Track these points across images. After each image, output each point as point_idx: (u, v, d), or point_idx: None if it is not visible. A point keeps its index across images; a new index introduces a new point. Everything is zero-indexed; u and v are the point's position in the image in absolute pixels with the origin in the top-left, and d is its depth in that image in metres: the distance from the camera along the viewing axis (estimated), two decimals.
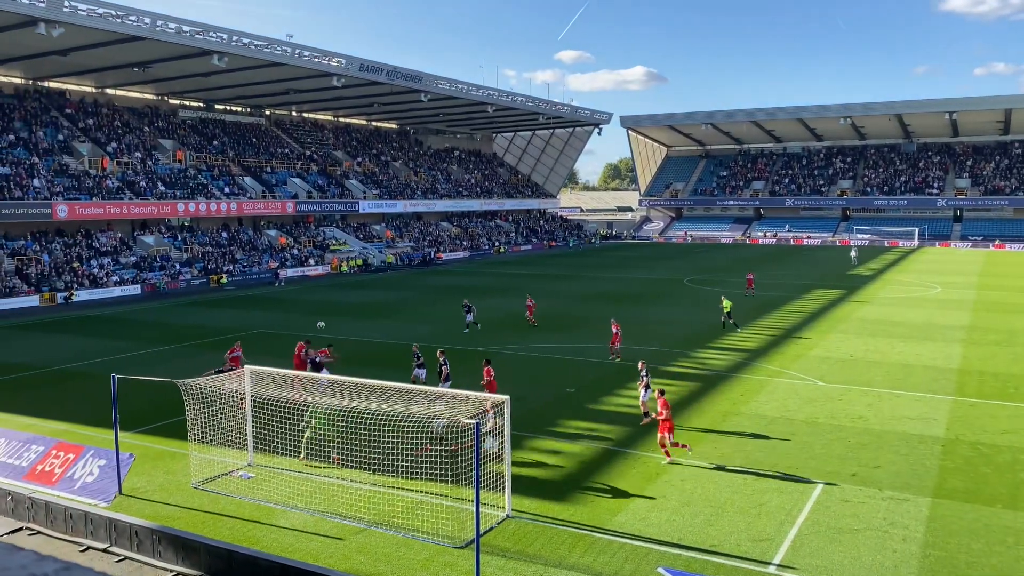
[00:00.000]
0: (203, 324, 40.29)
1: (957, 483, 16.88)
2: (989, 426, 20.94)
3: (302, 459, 17.96)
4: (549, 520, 15.19)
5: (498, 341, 33.76)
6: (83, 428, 21.29)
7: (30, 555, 14.44)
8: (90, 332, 38.66)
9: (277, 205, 72.96)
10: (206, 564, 13.61)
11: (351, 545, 14.24)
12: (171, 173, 67.76)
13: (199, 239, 66.70)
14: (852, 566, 13.19)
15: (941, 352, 30.70)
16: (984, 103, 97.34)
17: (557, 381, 26.42)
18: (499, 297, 49.81)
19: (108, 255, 58.48)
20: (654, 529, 14.72)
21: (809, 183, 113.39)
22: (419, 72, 76.32)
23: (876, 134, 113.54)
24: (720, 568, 13.21)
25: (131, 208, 60.77)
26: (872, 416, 21.92)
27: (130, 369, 27.84)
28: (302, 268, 67.91)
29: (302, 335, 36.15)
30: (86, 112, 69.34)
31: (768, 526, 14.77)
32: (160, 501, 16.36)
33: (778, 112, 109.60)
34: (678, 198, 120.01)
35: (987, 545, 13.94)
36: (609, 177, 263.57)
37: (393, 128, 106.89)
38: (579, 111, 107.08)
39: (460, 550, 13.94)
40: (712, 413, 22.43)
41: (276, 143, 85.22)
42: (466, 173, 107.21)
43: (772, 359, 29.66)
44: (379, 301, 48.80)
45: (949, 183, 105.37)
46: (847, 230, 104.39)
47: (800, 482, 16.97)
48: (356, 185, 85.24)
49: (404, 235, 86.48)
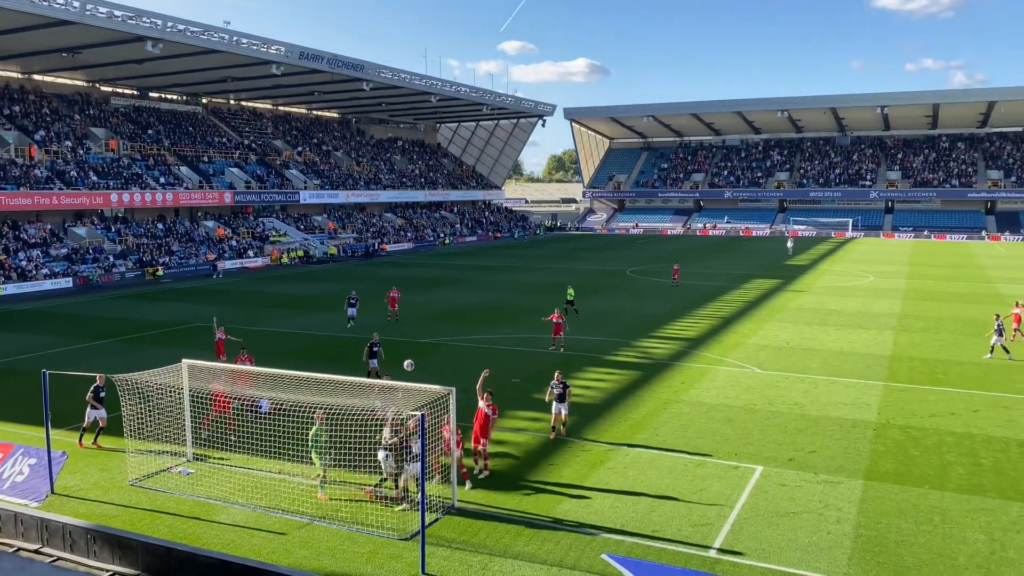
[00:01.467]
0: (139, 318, 39.24)
1: (888, 466, 17.48)
2: (918, 410, 21.73)
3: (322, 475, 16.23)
4: (494, 510, 15.25)
5: (443, 333, 33.67)
6: (12, 426, 20.56)
7: None
8: (18, 327, 37.30)
9: (214, 195, 71.33)
10: (144, 563, 13.29)
11: (294, 540, 14.07)
12: (104, 163, 65.66)
13: (134, 230, 64.85)
14: (789, 548, 13.57)
15: (874, 339, 31.70)
16: (914, 98, 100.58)
17: (502, 372, 26.46)
18: (445, 289, 49.66)
19: (37, 247, 56.45)
20: (597, 516, 14.90)
21: (747, 175, 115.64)
22: (361, 61, 75.37)
23: (812, 127, 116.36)
24: (663, 553, 13.45)
25: (61, 199, 58.68)
26: (808, 402, 22.54)
27: (62, 365, 26.97)
28: (241, 260, 66.60)
29: (242, 328, 35.54)
30: (11, 99, 66.63)
31: (708, 511, 15.08)
32: (95, 499, 15.92)
33: (717, 105, 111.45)
34: (620, 190, 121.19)
35: (915, 524, 14.48)
36: (553, 169, 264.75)
37: (335, 117, 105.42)
38: (523, 102, 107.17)
39: (405, 542, 13.90)
40: (653, 401, 22.77)
41: (213, 132, 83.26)
42: (410, 163, 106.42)
43: (712, 348, 30.23)
44: (321, 293, 48.18)
45: (881, 175, 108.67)
46: (784, 221, 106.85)
47: (739, 467, 17.36)
48: (296, 175, 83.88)
49: (347, 226, 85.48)
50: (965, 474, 16.95)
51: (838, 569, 12.81)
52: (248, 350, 23.49)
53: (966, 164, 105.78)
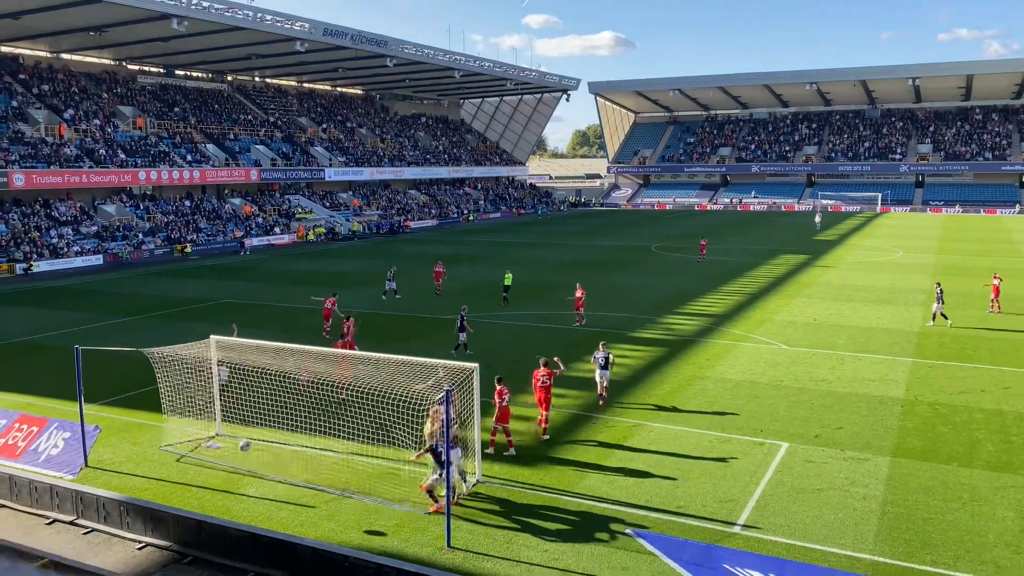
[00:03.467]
0: (168, 295, 39.74)
1: (915, 442, 17.32)
2: (947, 387, 21.48)
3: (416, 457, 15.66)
4: (519, 485, 15.34)
5: (468, 310, 33.70)
6: (47, 401, 20.99)
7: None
8: (51, 304, 37.94)
9: (241, 173, 71.77)
10: (175, 535, 13.56)
11: (321, 513, 14.27)
12: (131, 141, 66.26)
13: (162, 208, 65.53)
14: (815, 524, 13.53)
15: (903, 315, 31.31)
16: (946, 69, 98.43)
17: (526, 349, 26.52)
18: (468, 265, 49.72)
19: (68, 225, 57.25)
20: (622, 492, 14.94)
21: (775, 149, 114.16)
22: (384, 36, 75.12)
23: (841, 100, 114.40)
24: (688, 529, 13.47)
25: (91, 177, 59.35)
26: (835, 379, 22.36)
27: (94, 341, 27.42)
28: (267, 237, 67.11)
29: (270, 305, 35.89)
30: (41, 78, 67.34)
31: (733, 487, 15.06)
32: (127, 472, 16.23)
33: (745, 78, 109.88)
34: (646, 165, 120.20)
35: (943, 502, 14.36)
36: (578, 144, 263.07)
37: (358, 94, 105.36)
38: (547, 77, 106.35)
39: (431, 516, 14.04)
40: (678, 377, 22.71)
41: (239, 109, 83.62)
42: (433, 140, 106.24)
43: (738, 324, 30.04)
44: (348, 271, 48.45)
45: (912, 149, 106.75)
46: (812, 196, 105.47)
47: (765, 444, 17.30)
48: (321, 152, 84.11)
49: (371, 203, 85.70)
50: (995, 451, 16.76)
51: (864, 546, 12.76)
52: (353, 320, 24.56)
53: (1000, 136, 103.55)
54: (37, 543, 13.52)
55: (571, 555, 12.65)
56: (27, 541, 13.65)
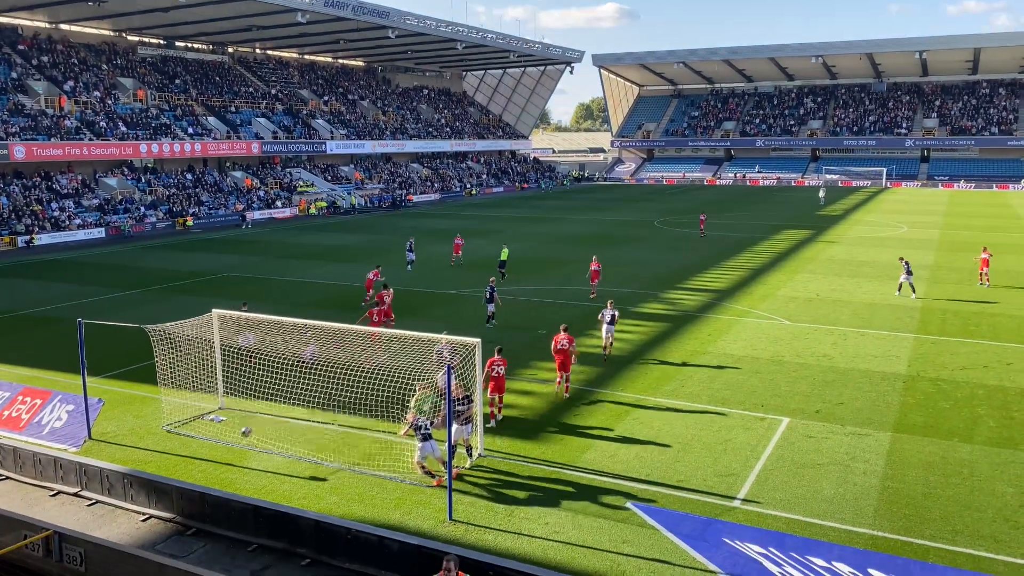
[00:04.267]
0: (170, 268, 39.74)
1: (917, 418, 17.35)
2: (949, 363, 21.47)
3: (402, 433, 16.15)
4: (520, 459, 15.41)
5: (468, 284, 33.74)
6: (50, 374, 21.06)
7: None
8: (53, 276, 37.97)
9: (242, 146, 71.46)
10: (179, 507, 13.65)
11: (324, 486, 14.35)
12: (132, 113, 65.91)
13: (163, 181, 65.33)
14: (815, 499, 13.58)
15: (907, 291, 31.22)
16: (954, 42, 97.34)
17: (529, 324, 26.53)
18: (470, 240, 49.60)
19: (70, 197, 57.13)
20: (622, 466, 15.00)
21: (780, 123, 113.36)
22: (386, 7, 74.40)
23: (847, 74, 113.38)
24: (687, 502, 13.53)
25: (92, 149, 59.10)
26: (837, 354, 22.35)
27: (96, 314, 27.45)
28: (269, 210, 66.95)
29: (273, 279, 35.90)
30: (40, 49, 66.84)
31: (734, 462, 15.11)
32: (131, 445, 16.32)
33: (750, 51, 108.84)
34: (650, 139, 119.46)
35: (943, 477, 14.40)
36: (581, 118, 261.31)
37: (360, 66, 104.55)
38: (550, 49, 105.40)
39: (433, 489, 14.12)
40: (680, 352, 22.72)
41: (240, 81, 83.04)
42: (436, 113, 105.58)
43: (740, 299, 30.01)
44: (349, 244, 48.35)
45: (917, 123, 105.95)
46: (817, 170, 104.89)
47: (765, 419, 17.33)
48: (323, 125, 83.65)
49: (373, 177, 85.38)
50: (996, 427, 16.78)
51: (864, 521, 12.82)
52: (386, 290, 25.21)
53: (1007, 111, 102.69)
54: (41, 515, 13.61)
55: (571, 528, 12.72)
56: (32, 512, 13.75)
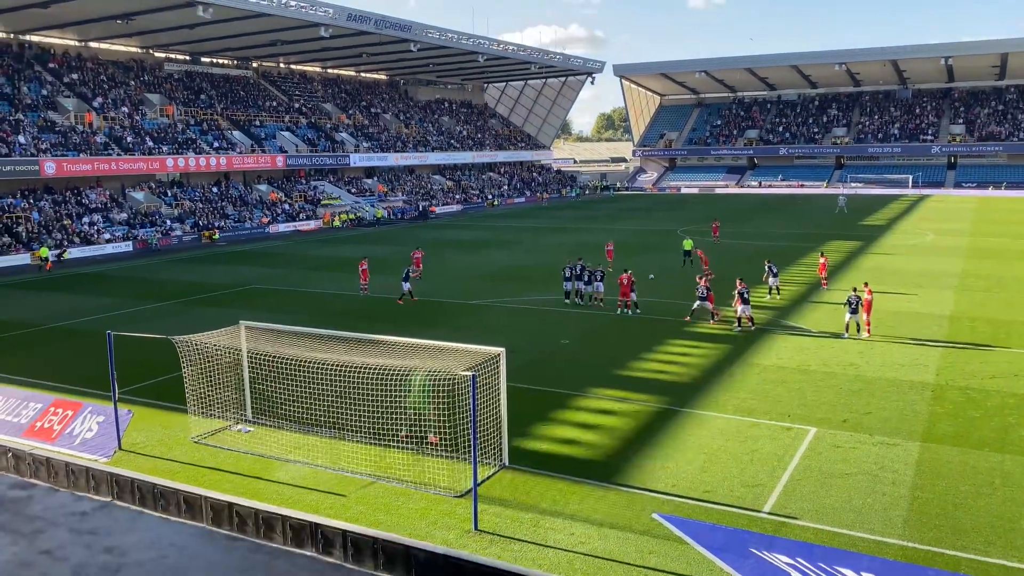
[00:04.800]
0: (197, 280, 40.21)
1: (946, 428, 17.12)
2: (979, 371, 21.17)
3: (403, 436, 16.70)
4: (545, 468, 15.40)
5: (492, 294, 33.82)
6: (80, 385, 21.37)
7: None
8: (83, 289, 38.56)
9: (267, 159, 72.25)
10: (208, 517, 13.80)
11: (351, 497, 14.43)
12: (159, 128, 66.91)
13: (189, 194, 66.18)
14: (843, 510, 13.44)
15: (934, 299, 30.88)
16: (980, 47, 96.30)
17: (551, 333, 26.54)
18: (493, 250, 49.76)
19: (98, 212, 58.03)
20: (648, 476, 14.95)
21: (803, 131, 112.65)
22: (408, 21, 75.09)
23: (871, 80, 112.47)
24: (714, 513, 13.45)
25: (120, 164, 60.07)
26: (864, 363, 22.13)
27: (125, 326, 27.83)
28: (294, 223, 67.56)
29: (297, 291, 36.21)
30: (70, 66, 68.13)
31: (760, 472, 15.01)
32: (159, 456, 16.51)
33: (773, 59, 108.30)
34: (672, 148, 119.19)
35: (975, 487, 14.20)
36: (602, 127, 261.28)
37: (382, 79, 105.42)
38: (571, 60, 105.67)
39: (459, 499, 14.15)
40: (705, 362, 22.58)
41: (264, 96, 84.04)
42: (458, 125, 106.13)
43: (764, 308, 29.78)
44: (372, 256, 48.64)
45: (944, 129, 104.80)
46: (841, 178, 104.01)
47: (792, 428, 17.19)
48: (347, 138, 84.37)
49: (396, 188, 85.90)
50: None
51: (893, 531, 12.67)
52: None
53: None
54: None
55: (597, 539, 12.69)
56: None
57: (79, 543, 11.67)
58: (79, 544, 11.66)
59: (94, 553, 4.48)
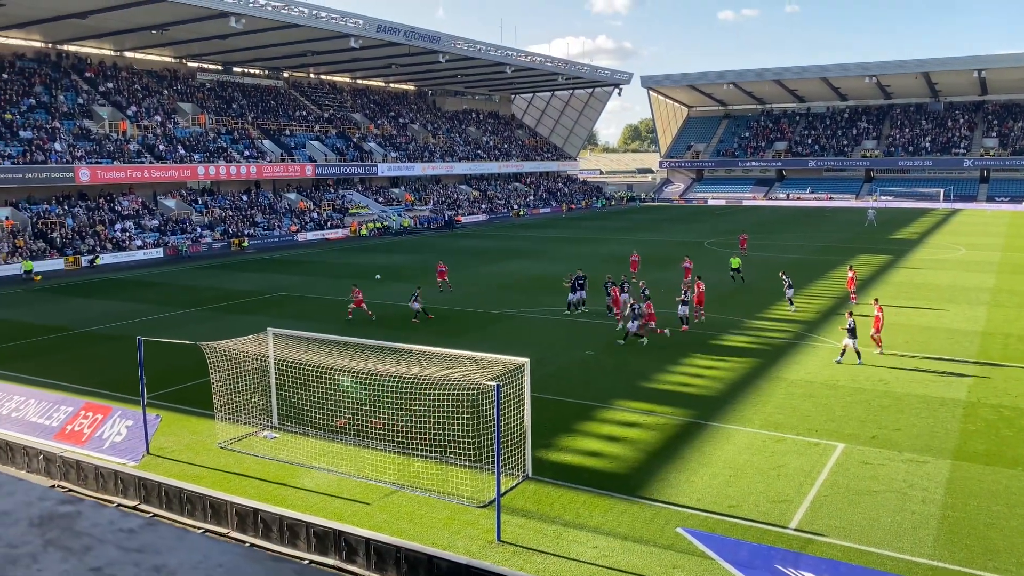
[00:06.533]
0: (226, 287, 40.66)
1: (978, 446, 16.83)
2: (1012, 389, 20.80)
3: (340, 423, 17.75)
4: (569, 480, 15.34)
5: (516, 304, 33.84)
6: (110, 389, 21.66)
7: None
8: (114, 295, 39.13)
9: (296, 168, 72.99)
10: (233, 523, 13.91)
11: (375, 505, 14.48)
12: (191, 136, 67.88)
13: (219, 202, 67.00)
14: (871, 527, 13.25)
15: (965, 314, 30.41)
16: (1013, 60, 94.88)
17: (576, 344, 26.48)
18: (518, 260, 49.80)
19: (130, 218, 58.93)
20: (672, 490, 14.83)
21: (832, 144, 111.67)
22: (437, 32, 75.58)
23: (902, 93, 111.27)
24: (739, 529, 13.31)
25: (152, 172, 61.03)
26: (893, 379, 21.83)
27: (155, 331, 28.19)
28: (321, 231, 68.13)
29: (325, 298, 36.46)
30: (106, 76, 69.39)
31: (787, 487, 14.84)
32: (186, 461, 16.68)
33: (802, 71, 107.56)
34: (699, 159, 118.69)
35: (1007, 507, 13.93)
36: (629, 138, 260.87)
37: (411, 90, 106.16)
38: (599, 71, 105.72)
39: (482, 509, 14.14)
40: (731, 375, 22.41)
41: (294, 105, 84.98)
42: (484, 135, 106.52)
43: (791, 321, 29.51)
44: (399, 264, 48.88)
45: (976, 143, 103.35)
46: (871, 191, 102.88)
47: (819, 444, 16.99)
48: (375, 148, 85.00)
49: (423, 198, 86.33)
50: None
51: (923, 550, 12.46)
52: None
53: None
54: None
55: (621, 552, 12.61)
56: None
57: (128, 561, 11.81)
58: (128, 562, 11.81)
59: (143, 571, 4.44)
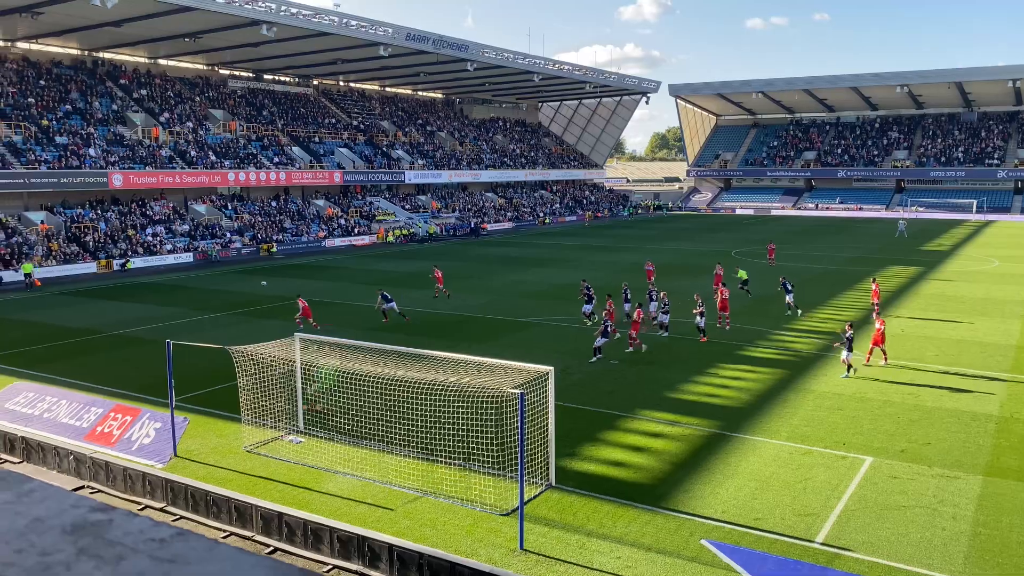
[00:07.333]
0: (254, 292, 41.05)
1: (1011, 461, 16.52)
2: None
3: (307, 409, 18.83)
4: (593, 490, 15.28)
5: (539, 312, 33.80)
6: (139, 392, 21.95)
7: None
8: (145, 299, 39.68)
9: (325, 175, 73.64)
10: (259, 526, 14.01)
11: (398, 511, 14.52)
12: (221, 143, 68.76)
13: (249, 208, 67.74)
14: (899, 543, 13.05)
15: (998, 328, 29.91)
16: None
17: (604, 353, 26.36)
18: (542, 268, 49.78)
19: (162, 223, 59.76)
20: (697, 502, 14.72)
21: (862, 154, 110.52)
22: (465, 41, 75.98)
23: (934, 103, 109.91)
24: (764, 542, 13.17)
25: (183, 177, 61.90)
26: (923, 392, 21.51)
27: (184, 335, 28.55)
28: (349, 238, 68.62)
29: (352, 304, 36.69)
30: (139, 82, 70.56)
31: (814, 501, 14.66)
32: (213, 464, 16.84)
33: (831, 80, 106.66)
34: (727, 168, 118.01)
35: None
36: (656, 147, 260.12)
37: (439, 98, 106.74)
38: (626, 79, 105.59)
39: (505, 517, 14.12)
40: (759, 387, 22.21)
41: (324, 113, 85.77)
42: (511, 143, 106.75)
43: (821, 333, 29.19)
44: (423, 271, 49.07)
45: (1011, 153, 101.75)
46: (901, 202, 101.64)
47: (847, 457, 16.77)
48: (402, 155, 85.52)
49: (449, 205, 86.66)
50: None
51: (953, 567, 12.24)
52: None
53: None
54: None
55: (644, 563, 12.53)
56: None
57: (159, 572, 12.37)
58: (159, 573, 12.40)
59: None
